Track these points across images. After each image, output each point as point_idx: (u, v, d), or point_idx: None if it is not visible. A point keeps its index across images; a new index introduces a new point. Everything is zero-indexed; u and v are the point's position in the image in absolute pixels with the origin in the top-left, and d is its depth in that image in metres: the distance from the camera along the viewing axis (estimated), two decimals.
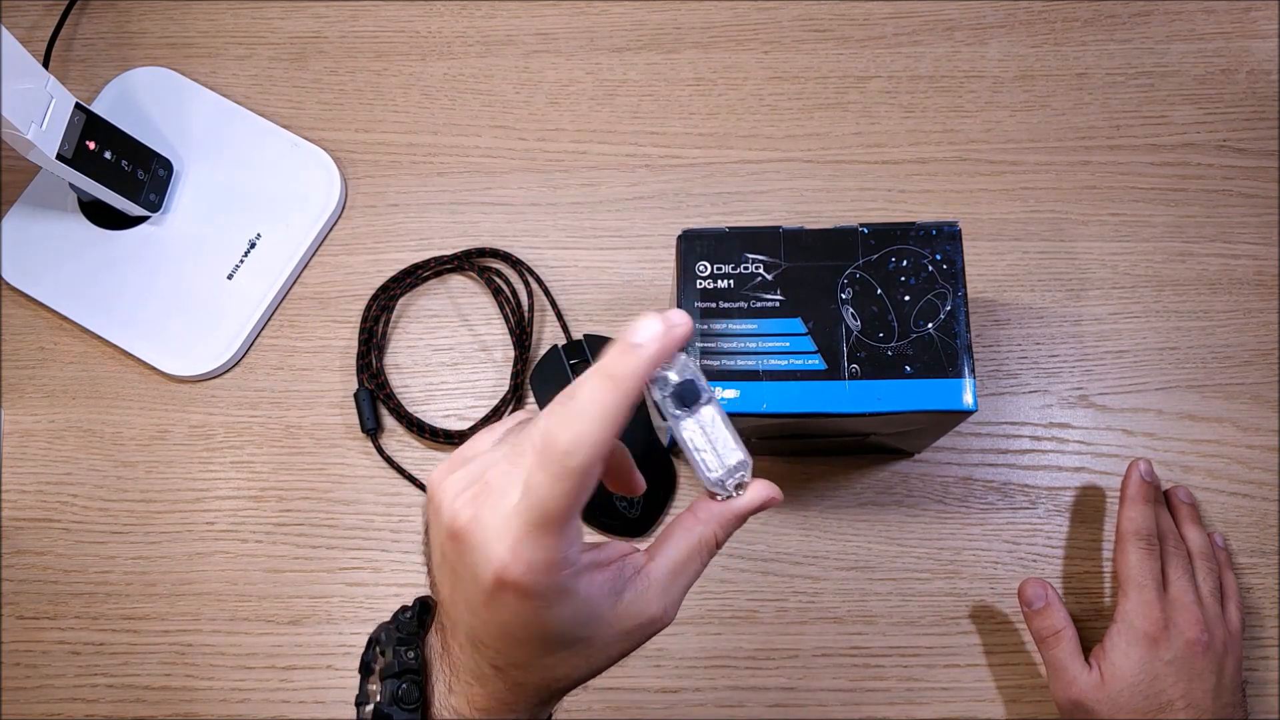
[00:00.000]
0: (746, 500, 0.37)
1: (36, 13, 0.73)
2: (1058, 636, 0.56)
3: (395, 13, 0.72)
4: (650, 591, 0.35)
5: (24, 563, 0.62)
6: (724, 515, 0.37)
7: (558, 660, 0.35)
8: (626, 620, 0.35)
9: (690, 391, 0.36)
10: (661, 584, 0.36)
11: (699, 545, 0.36)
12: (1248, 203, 0.67)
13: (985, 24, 0.71)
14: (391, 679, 0.37)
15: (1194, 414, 0.63)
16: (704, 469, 0.36)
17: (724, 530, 0.37)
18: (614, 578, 0.35)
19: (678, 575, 0.36)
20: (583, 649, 0.35)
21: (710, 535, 0.37)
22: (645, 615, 0.35)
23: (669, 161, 0.68)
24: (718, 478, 0.37)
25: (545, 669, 0.35)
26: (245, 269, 0.66)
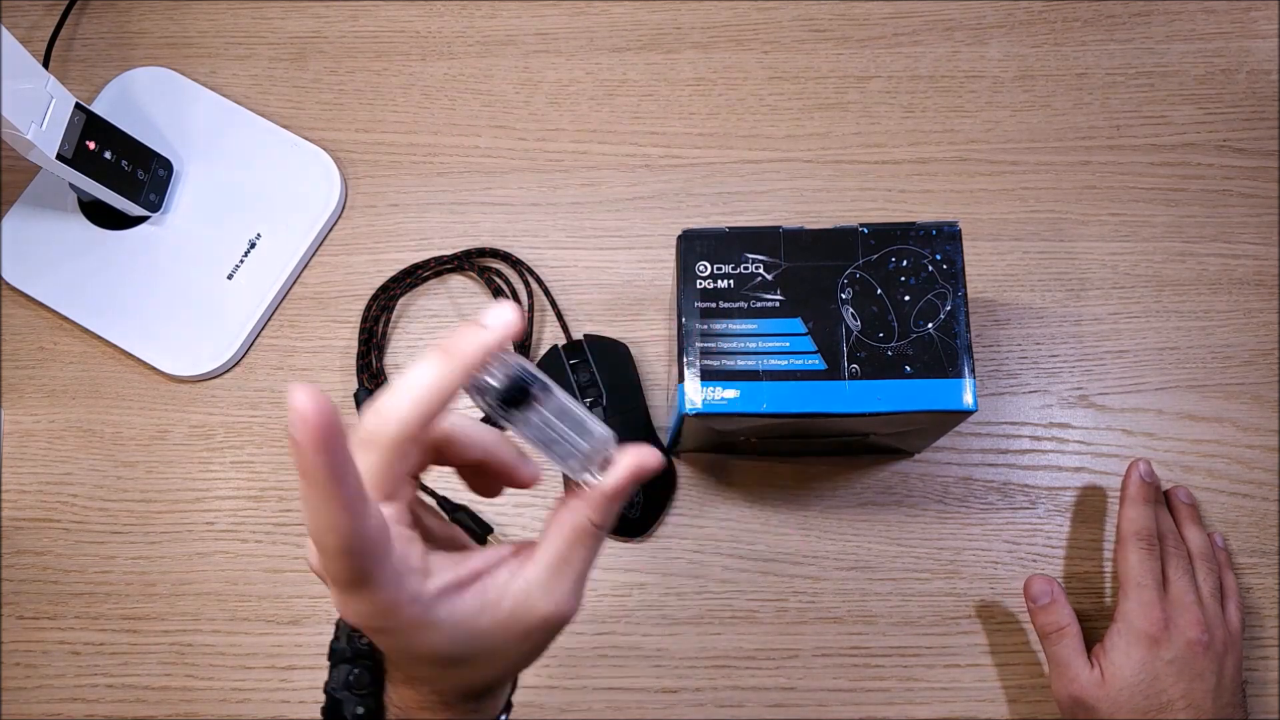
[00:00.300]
0: (614, 478, 0.33)
1: (36, 13, 0.73)
2: (1061, 633, 0.56)
3: (395, 13, 0.72)
4: (534, 592, 0.33)
5: (24, 563, 0.62)
6: (594, 499, 0.34)
7: (460, 671, 0.34)
8: (515, 625, 0.33)
9: (519, 391, 0.32)
10: (544, 583, 0.33)
11: (575, 535, 0.34)
12: (1248, 203, 0.67)
13: (985, 24, 0.71)
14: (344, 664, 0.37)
15: (1194, 414, 0.63)
16: (560, 461, 0.33)
17: (598, 513, 0.34)
18: (484, 591, 0.33)
19: (560, 569, 0.33)
20: (479, 659, 0.34)
21: (583, 522, 0.34)
22: (535, 615, 0.33)
23: (669, 161, 0.68)
24: (577, 465, 0.33)
25: (456, 678, 0.35)
26: (245, 269, 0.66)
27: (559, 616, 0.34)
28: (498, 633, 0.33)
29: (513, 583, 0.33)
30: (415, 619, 0.31)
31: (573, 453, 0.33)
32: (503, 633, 0.33)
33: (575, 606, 0.34)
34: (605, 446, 0.33)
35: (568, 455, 0.33)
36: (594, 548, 0.34)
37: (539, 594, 0.33)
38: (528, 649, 0.34)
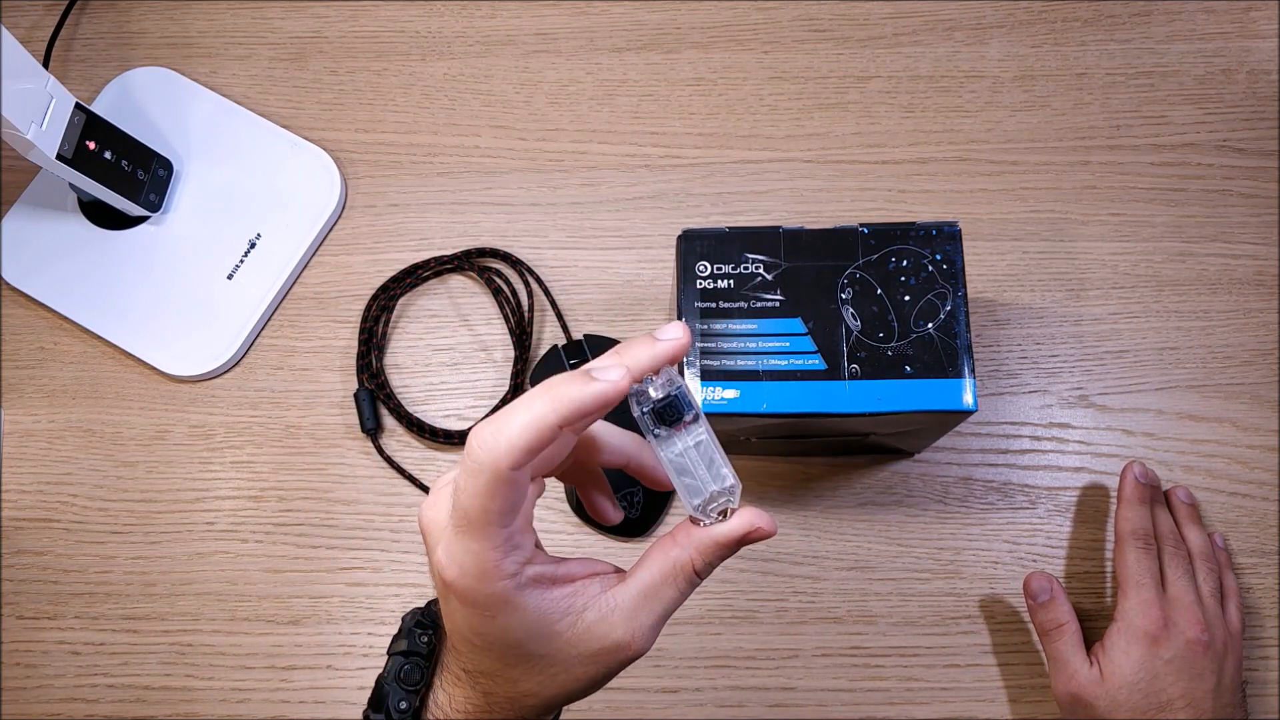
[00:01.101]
0: (729, 528, 0.34)
1: (36, 13, 0.73)
2: (1061, 630, 0.56)
3: (395, 13, 0.72)
4: (616, 615, 0.33)
5: (24, 563, 0.62)
6: (703, 542, 0.34)
7: (520, 674, 0.34)
8: (589, 642, 0.33)
9: (672, 410, 0.33)
10: (629, 608, 0.34)
11: (674, 570, 0.34)
12: (1248, 203, 0.67)
13: (985, 24, 0.71)
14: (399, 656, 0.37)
15: (1194, 414, 0.63)
16: (685, 493, 0.34)
17: (702, 557, 0.34)
18: (574, 595, 0.33)
19: (648, 600, 0.34)
20: (544, 666, 0.34)
21: (686, 561, 0.34)
22: (610, 639, 0.33)
23: (669, 161, 0.68)
24: (699, 503, 0.34)
25: (510, 681, 0.35)
26: (245, 269, 0.66)
27: (630, 648, 0.34)
28: (572, 642, 0.33)
29: (601, 598, 0.34)
30: (504, 593, 0.32)
31: (700, 489, 0.34)
32: (577, 644, 0.33)
33: (648, 644, 0.34)
34: (731, 494, 0.34)
35: (694, 491, 0.34)
36: (685, 591, 0.34)
37: (620, 617, 0.34)
38: (590, 674, 0.34)
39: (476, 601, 0.32)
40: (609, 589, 0.34)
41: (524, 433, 0.30)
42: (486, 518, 0.31)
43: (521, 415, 0.30)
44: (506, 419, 0.30)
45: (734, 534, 0.34)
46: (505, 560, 0.31)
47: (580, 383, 0.30)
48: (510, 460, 0.30)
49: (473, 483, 0.30)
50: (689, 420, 0.33)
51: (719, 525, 0.34)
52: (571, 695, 0.35)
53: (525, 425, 0.30)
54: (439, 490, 0.34)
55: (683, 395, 0.33)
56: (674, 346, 0.32)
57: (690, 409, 0.33)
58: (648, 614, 0.34)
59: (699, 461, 0.33)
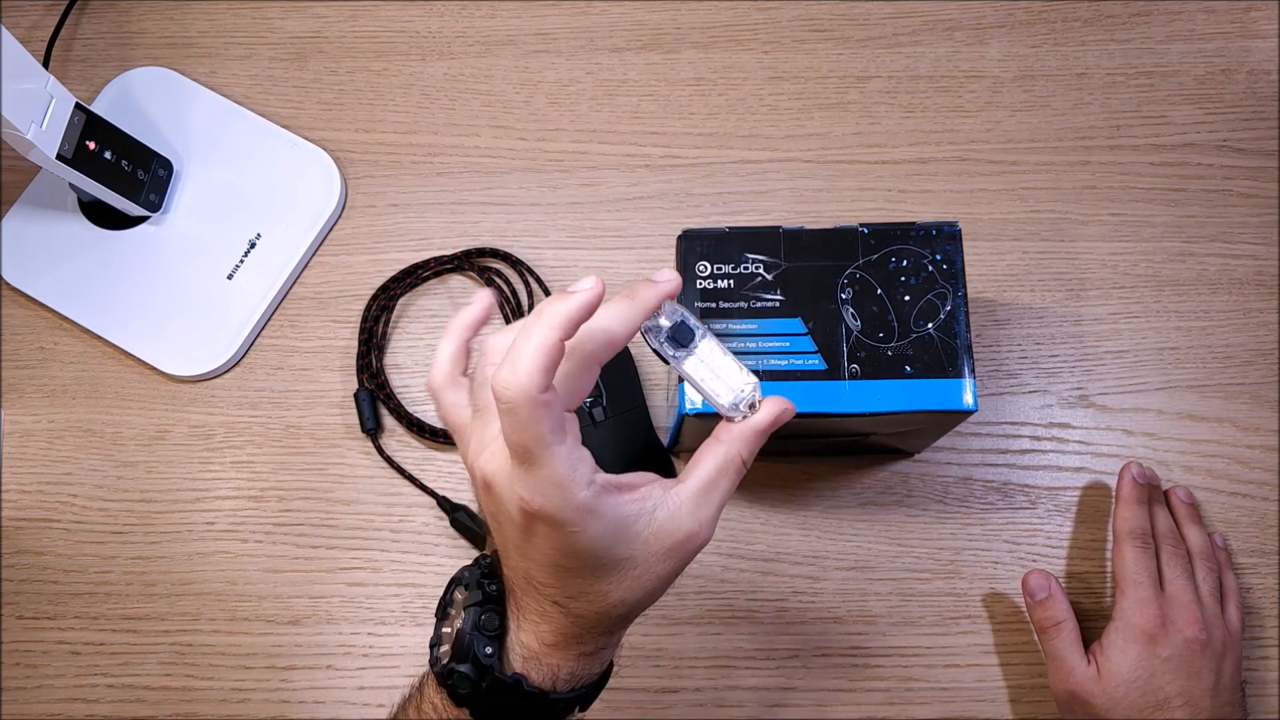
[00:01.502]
0: (762, 416, 0.39)
1: (36, 13, 0.73)
2: (1059, 628, 0.56)
3: (395, 13, 0.72)
4: (684, 508, 0.37)
5: (24, 563, 0.62)
6: (745, 433, 0.39)
7: (609, 585, 0.37)
8: (665, 537, 0.37)
9: (684, 331, 0.38)
10: (693, 500, 0.38)
11: (725, 463, 0.38)
12: (1248, 203, 0.67)
13: (985, 24, 0.71)
14: (474, 607, 0.39)
15: (1194, 414, 0.63)
16: (716, 397, 0.39)
17: (747, 448, 0.39)
18: (643, 499, 0.37)
19: (708, 492, 0.38)
20: (629, 569, 0.37)
21: (735, 454, 0.39)
22: (682, 530, 0.37)
23: (669, 161, 0.68)
24: (731, 402, 0.39)
25: (600, 595, 0.37)
26: (245, 269, 0.66)
27: (699, 537, 0.38)
28: (650, 541, 0.37)
29: (667, 497, 0.38)
30: (584, 503, 0.35)
31: (727, 390, 0.39)
32: (654, 542, 0.37)
33: (712, 532, 0.38)
34: (752, 388, 0.39)
35: (722, 394, 0.39)
36: (735, 481, 0.39)
37: (687, 510, 0.38)
38: (668, 569, 0.38)
39: (565, 519, 0.35)
40: (669, 489, 0.38)
41: (535, 356, 0.33)
42: (542, 442, 0.34)
43: (526, 344, 0.33)
44: (515, 354, 0.33)
45: (768, 419, 0.39)
46: (576, 472, 0.35)
47: (563, 299, 0.34)
48: (535, 384, 0.33)
49: (514, 419, 0.33)
50: (699, 338, 0.39)
51: (754, 416, 0.39)
52: (653, 594, 0.38)
53: (533, 351, 0.33)
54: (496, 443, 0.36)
55: (687, 318, 0.39)
56: (670, 286, 0.38)
57: (698, 328, 0.39)
58: (708, 505, 0.38)
59: (718, 368, 0.39)
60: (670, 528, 0.37)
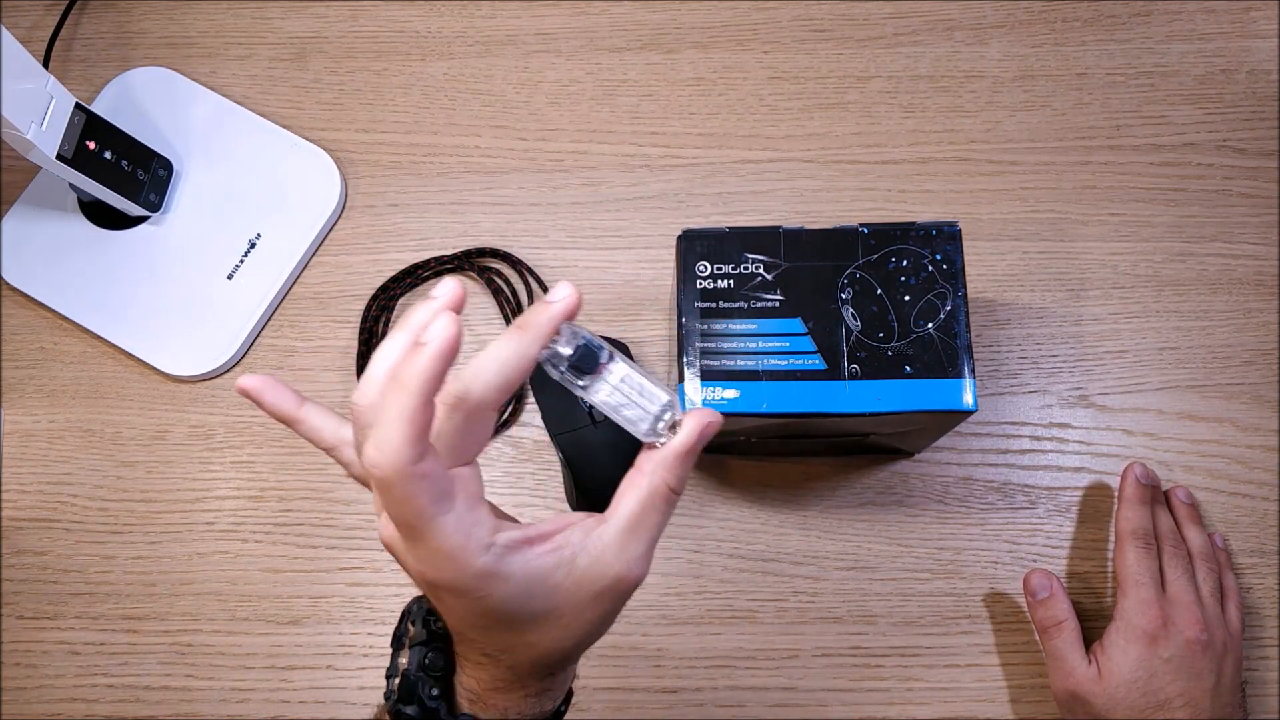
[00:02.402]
0: (682, 438, 0.35)
1: (36, 13, 0.73)
2: (1060, 627, 0.56)
3: (395, 13, 0.72)
4: (608, 551, 0.35)
5: (24, 563, 0.62)
6: (667, 459, 0.35)
7: (536, 637, 0.35)
8: (589, 585, 0.34)
9: (588, 358, 0.35)
10: (618, 541, 0.35)
11: (650, 497, 0.35)
12: (1248, 203, 0.67)
13: (985, 24, 0.71)
14: (419, 646, 0.38)
15: (1194, 414, 0.63)
16: (630, 425, 0.36)
17: (673, 474, 0.35)
18: (559, 548, 0.34)
19: (634, 531, 0.35)
20: (554, 620, 0.35)
21: (659, 483, 0.35)
22: (609, 575, 0.34)
23: (669, 161, 0.68)
24: (647, 427, 0.36)
25: (528, 646, 0.35)
26: (245, 269, 0.66)
27: (630, 578, 0.35)
28: (572, 590, 0.34)
29: (587, 541, 0.35)
30: (487, 569, 0.32)
31: (643, 416, 0.35)
32: (577, 591, 0.34)
33: (645, 570, 0.35)
34: (670, 409, 0.36)
35: (638, 419, 0.35)
36: (667, 512, 0.36)
37: (612, 553, 0.35)
38: (599, 614, 0.35)
39: (465, 588, 0.33)
40: (591, 531, 0.35)
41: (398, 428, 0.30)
42: (423, 516, 0.31)
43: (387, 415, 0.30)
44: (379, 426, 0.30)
45: (689, 440, 0.35)
46: (469, 539, 0.32)
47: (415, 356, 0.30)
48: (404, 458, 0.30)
49: (389, 496, 0.31)
50: (605, 362, 0.35)
51: (674, 440, 0.35)
52: (589, 637, 0.36)
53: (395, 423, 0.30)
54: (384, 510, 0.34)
55: (591, 342, 0.35)
56: (563, 305, 0.34)
57: (603, 350, 0.35)
58: (636, 543, 0.35)
59: (631, 392, 0.35)
60: (595, 573, 0.34)
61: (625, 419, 0.36)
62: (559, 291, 0.34)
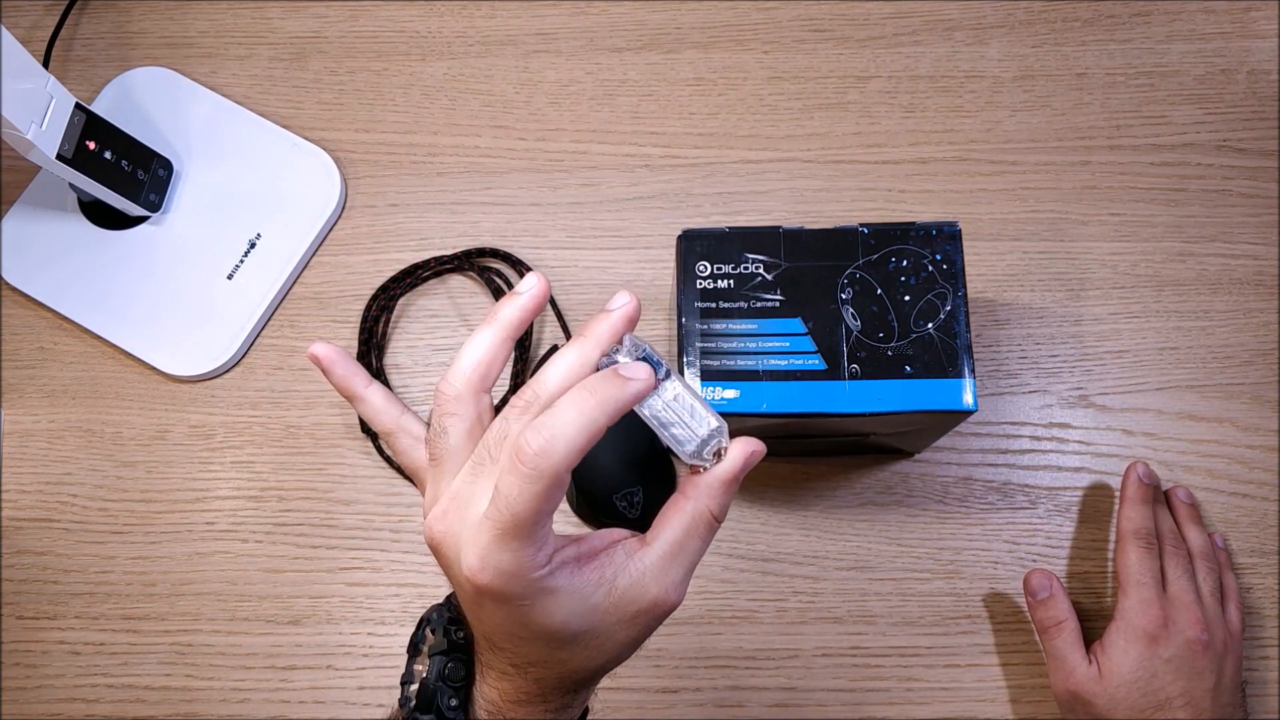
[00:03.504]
0: (728, 465, 0.35)
1: (36, 13, 0.73)
2: (1060, 627, 0.56)
3: (395, 13, 0.72)
4: (647, 576, 0.35)
5: (24, 563, 0.62)
6: (711, 487, 0.36)
7: (568, 654, 0.35)
8: (627, 606, 0.35)
9: None
10: (658, 567, 0.35)
11: (693, 523, 0.35)
12: (1248, 203, 0.67)
13: (985, 24, 0.71)
14: (439, 655, 0.38)
15: (1194, 414, 0.63)
16: (677, 444, 0.35)
17: (715, 501, 0.36)
18: (602, 567, 0.35)
19: (675, 555, 0.35)
20: (589, 639, 0.35)
21: (703, 510, 0.36)
22: (646, 599, 0.35)
23: (669, 161, 0.68)
24: (694, 449, 0.35)
25: (560, 663, 0.36)
26: (245, 269, 0.66)
27: (667, 603, 0.35)
28: (610, 611, 0.35)
29: (629, 563, 0.35)
30: (540, 584, 0.33)
31: (690, 437, 0.35)
32: (615, 612, 0.35)
33: (682, 595, 0.36)
34: (719, 435, 0.35)
35: (685, 440, 0.35)
36: (708, 538, 0.36)
37: (652, 577, 0.35)
38: (633, 635, 0.36)
39: (515, 598, 0.33)
40: (633, 554, 0.35)
41: (580, 435, 0.31)
42: (538, 519, 0.32)
43: (573, 418, 0.31)
44: (554, 422, 0.31)
45: (734, 469, 0.35)
46: (540, 554, 0.33)
47: (618, 384, 0.32)
48: (569, 463, 0.31)
49: (530, 488, 0.31)
50: (662, 378, 0.35)
51: (719, 466, 0.35)
52: (619, 658, 0.36)
53: (581, 429, 0.31)
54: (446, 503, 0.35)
55: (651, 356, 0.35)
56: (627, 311, 0.35)
57: (661, 366, 0.35)
58: (677, 568, 0.35)
59: (682, 412, 0.35)
60: (633, 595, 0.35)
61: (673, 437, 0.35)
62: (619, 300, 0.35)
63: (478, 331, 0.36)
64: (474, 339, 0.36)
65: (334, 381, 0.39)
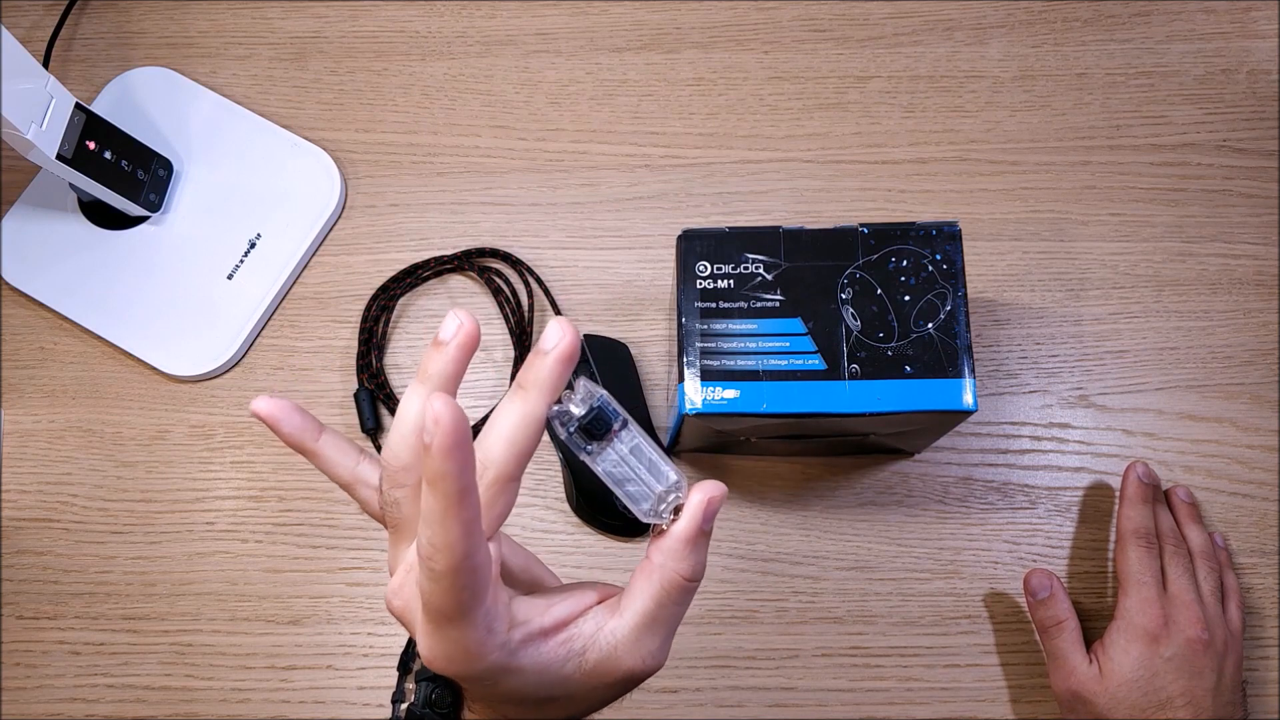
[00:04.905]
0: (685, 523, 0.32)
1: (36, 13, 0.73)
2: (1060, 627, 0.56)
3: (395, 13, 0.72)
4: (619, 649, 0.33)
5: (24, 563, 0.62)
6: (674, 550, 0.32)
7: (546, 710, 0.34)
8: (600, 676, 0.33)
9: (600, 422, 0.31)
10: (630, 639, 0.33)
11: (663, 591, 0.33)
12: (1248, 203, 0.67)
13: (985, 24, 0.71)
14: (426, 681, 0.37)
15: (1194, 414, 0.63)
16: (633, 503, 0.32)
17: (683, 564, 0.33)
18: (570, 641, 0.33)
19: (649, 626, 0.33)
20: (565, 702, 0.34)
21: (671, 575, 0.33)
22: (620, 670, 0.33)
23: (669, 161, 0.68)
24: (649, 507, 0.32)
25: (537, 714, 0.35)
26: (245, 269, 0.66)
27: (644, 672, 0.33)
28: (582, 680, 0.33)
29: (599, 636, 0.33)
30: (499, 664, 0.31)
31: (646, 494, 0.32)
32: (587, 681, 0.33)
33: (661, 660, 0.34)
34: (677, 490, 0.32)
35: (640, 497, 0.32)
36: (685, 601, 0.33)
37: (625, 649, 0.33)
38: (612, 696, 0.34)
39: (477, 678, 0.32)
40: (604, 626, 0.33)
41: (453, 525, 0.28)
42: (459, 609, 0.30)
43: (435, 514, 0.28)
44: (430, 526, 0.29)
45: (694, 524, 0.32)
46: (489, 638, 0.31)
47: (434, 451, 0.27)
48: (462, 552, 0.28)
49: (437, 587, 0.29)
50: (618, 428, 0.32)
51: (677, 525, 0.32)
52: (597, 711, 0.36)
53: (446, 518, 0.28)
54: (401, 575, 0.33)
55: (606, 404, 0.31)
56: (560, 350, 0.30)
57: (618, 416, 0.32)
58: (652, 639, 0.33)
59: (639, 466, 0.32)
60: (606, 669, 0.33)
61: (627, 494, 0.32)
62: (550, 336, 0.30)
63: (407, 394, 0.33)
64: (404, 403, 0.33)
65: (283, 438, 0.35)
